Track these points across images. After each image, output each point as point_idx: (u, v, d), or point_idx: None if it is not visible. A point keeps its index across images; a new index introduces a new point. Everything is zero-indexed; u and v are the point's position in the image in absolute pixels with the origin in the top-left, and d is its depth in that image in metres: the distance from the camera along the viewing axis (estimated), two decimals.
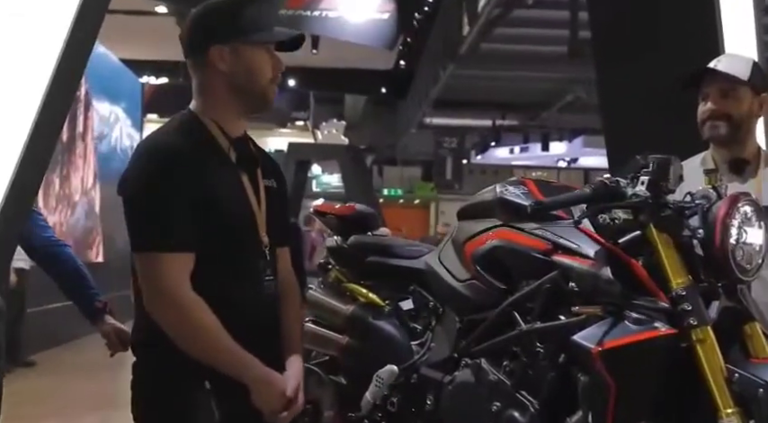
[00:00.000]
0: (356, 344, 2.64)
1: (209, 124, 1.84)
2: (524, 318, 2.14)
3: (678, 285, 1.94)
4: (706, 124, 2.51)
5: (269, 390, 1.75)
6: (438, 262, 2.52)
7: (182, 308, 1.71)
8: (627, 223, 2.05)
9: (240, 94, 1.84)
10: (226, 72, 1.82)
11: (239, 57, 1.81)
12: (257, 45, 1.83)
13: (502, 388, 2.14)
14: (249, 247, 1.83)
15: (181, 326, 1.72)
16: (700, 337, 1.89)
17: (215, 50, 1.80)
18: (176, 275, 1.72)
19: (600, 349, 1.89)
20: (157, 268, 1.72)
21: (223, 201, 1.78)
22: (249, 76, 1.83)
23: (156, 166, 1.74)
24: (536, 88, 17.39)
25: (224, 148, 1.84)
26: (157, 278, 1.72)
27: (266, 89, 1.85)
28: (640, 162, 2.06)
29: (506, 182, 2.39)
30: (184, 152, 1.76)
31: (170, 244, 1.72)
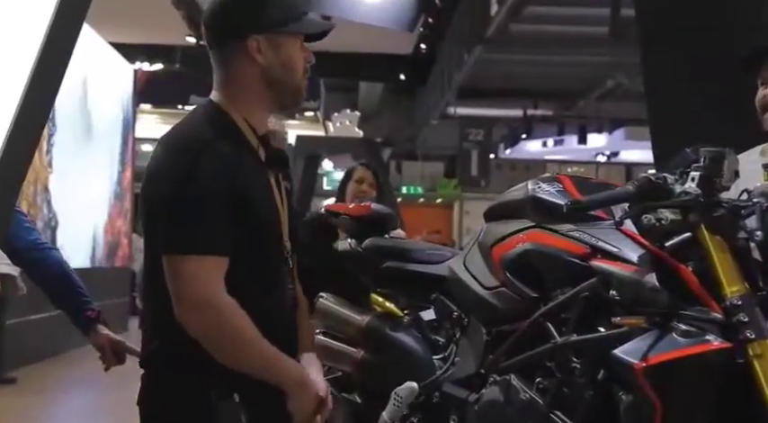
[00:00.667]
0: (372, 358, 2.65)
1: (238, 119, 1.86)
2: (559, 329, 2.15)
3: (733, 294, 1.93)
4: (766, 113, 2.50)
5: (305, 392, 1.81)
6: (463, 267, 2.52)
7: (220, 313, 1.74)
8: (675, 224, 2.04)
9: (274, 88, 1.88)
10: (262, 64, 1.85)
11: (277, 48, 1.85)
12: (293, 35, 1.87)
13: (534, 407, 2.14)
14: (275, 253, 1.88)
15: (220, 332, 1.75)
16: (758, 351, 1.88)
17: (252, 41, 1.83)
18: (215, 280, 1.75)
19: (644, 365, 1.89)
20: (195, 272, 1.74)
21: (255, 202, 1.81)
22: (285, 68, 1.87)
23: (188, 161, 1.76)
24: (572, 74, 17.35)
25: (253, 145, 1.87)
26: (195, 282, 1.74)
27: (300, 83, 1.91)
28: (690, 156, 2.07)
29: (539, 178, 2.40)
30: (216, 146, 1.78)
31: (209, 246, 1.75)
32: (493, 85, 18.28)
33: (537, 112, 20.75)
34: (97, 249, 11.83)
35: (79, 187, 10.85)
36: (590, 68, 16.41)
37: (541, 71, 17.00)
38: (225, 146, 1.79)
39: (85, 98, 11.13)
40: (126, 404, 1.97)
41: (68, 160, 10.34)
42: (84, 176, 11.03)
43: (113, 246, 12.70)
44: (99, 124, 11.72)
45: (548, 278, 2.23)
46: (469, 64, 14.50)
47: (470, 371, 2.39)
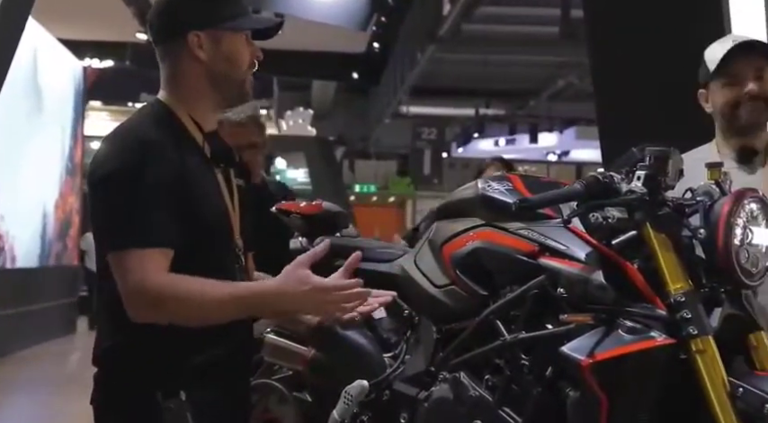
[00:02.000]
0: (323, 357, 2.64)
1: (183, 116, 1.87)
2: (508, 327, 2.15)
3: (677, 291, 1.95)
4: (742, 107, 2.51)
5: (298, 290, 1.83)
6: (414, 266, 2.52)
7: (167, 291, 1.73)
8: (621, 222, 2.06)
9: (219, 84, 1.88)
10: (204, 60, 1.85)
11: (219, 44, 1.86)
12: (236, 31, 1.87)
13: (483, 404, 2.14)
14: (225, 251, 1.87)
15: (175, 305, 1.74)
16: (700, 347, 1.91)
17: (193, 37, 1.84)
18: (159, 270, 1.74)
19: (590, 361, 1.91)
20: (137, 265, 1.73)
21: (199, 198, 1.81)
22: (228, 64, 1.87)
23: (131, 158, 1.76)
24: (524, 74, 17.49)
25: (198, 143, 1.87)
26: (138, 274, 1.73)
27: (245, 79, 1.90)
28: (636, 155, 2.08)
29: (489, 177, 2.42)
30: (160, 143, 1.78)
31: (150, 239, 1.74)
32: (445, 85, 18.37)
33: (489, 112, 20.88)
34: (48, 226, 11.65)
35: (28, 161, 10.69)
36: (541, 68, 16.57)
37: (493, 71, 17.10)
38: (168, 144, 1.79)
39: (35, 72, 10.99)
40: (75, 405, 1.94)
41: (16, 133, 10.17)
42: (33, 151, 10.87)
43: (65, 223, 12.53)
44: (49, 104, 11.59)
45: (497, 276, 2.24)
46: (422, 63, 14.53)
47: (420, 369, 2.39)
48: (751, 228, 2.01)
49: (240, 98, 1.94)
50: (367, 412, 2.48)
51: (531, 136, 21.30)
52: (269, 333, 2.68)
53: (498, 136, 22.72)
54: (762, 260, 2.02)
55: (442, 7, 13.03)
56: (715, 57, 2.52)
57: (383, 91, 19.34)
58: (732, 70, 2.50)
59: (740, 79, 2.50)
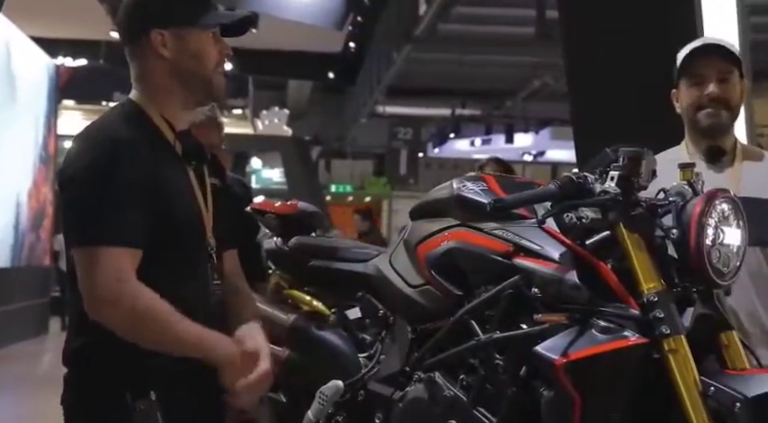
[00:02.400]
0: (297, 357, 2.64)
1: (154, 116, 1.87)
2: (483, 327, 2.16)
3: (650, 291, 1.97)
4: (702, 111, 2.53)
5: (233, 364, 1.79)
6: (389, 266, 2.52)
7: (131, 299, 1.73)
8: (595, 223, 2.08)
9: (185, 83, 1.87)
10: (169, 59, 1.85)
11: (183, 41, 1.85)
12: (202, 28, 1.86)
13: (458, 404, 2.15)
14: (197, 249, 1.86)
15: (135, 319, 1.73)
16: (672, 347, 1.92)
17: (156, 35, 1.84)
18: (125, 270, 1.73)
19: (564, 361, 1.92)
20: (104, 263, 1.72)
21: (171, 197, 1.81)
22: (194, 61, 1.86)
23: (102, 156, 1.76)
24: (500, 74, 17.54)
25: (170, 141, 1.87)
26: (104, 274, 1.72)
27: (212, 76, 1.89)
28: (610, 156, 2.09)
29: (464, 177, 2.41)
30: (131, 142, 1.78)
31: (119, 237, 1.74)
32: (421, 85, 18.40)
33: (465, 112, 20.93)
34: (21, 216, 11.54)
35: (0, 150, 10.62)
36: (517, 69, 16.63)
37: (469, 71, 17.13)
38: (138, 144, 1.79)
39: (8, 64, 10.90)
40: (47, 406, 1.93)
41: None
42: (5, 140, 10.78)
43: (39, 214, 12.43)
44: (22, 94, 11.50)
45: (472, 276, 2.25)
46: (398, 63, 14.54)
47: (395, 369, 2.39)
48: (722, 228, 2.02)
49: (210, 96, 1.93)
50: (342, 412, 2.48)
51: (506, 136, 21.37)
52: None
53: (474, 136, 22.77)
54: (733, 260, 2.04)
55: (418, 7, 13.05)
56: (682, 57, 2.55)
57: (359, 91, 19.34)
58: (697, 71, 2.53)
59: (704, 81, 2.52)
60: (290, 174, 21.02)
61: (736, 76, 2.54)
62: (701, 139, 2.59)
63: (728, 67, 2.53)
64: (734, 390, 1.87)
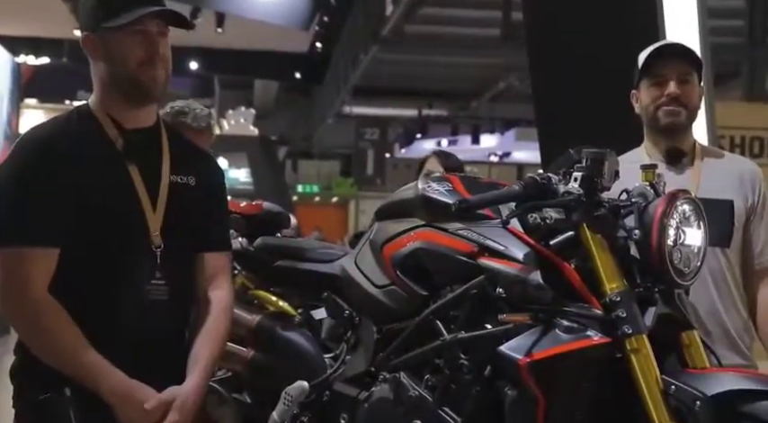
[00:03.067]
0: (262, 358, 2.63)
1: (101, 115, 1.87)
2: (448, 327, 2.16)
3: (612, 291, 1.98)
4: (662, 110, 2.56)
5: (126, 403, 1.75)
6: (354, 266, 2.52)
7: (32, 308, 1.73)
8: (558, 223, 2.09)
9: (116, 83, 1.87)
10: (99, 61, 1.87)
11: (106, 43, 1.86)
12: (122, 29, 1.84)
13: (423, 404, 2.15)
14: (130, 247, 1.83)
15: (31, 328, 1.75)
16: (635, 346, 1.94)
17: (86, 39, 1.87)
18: (26, 270, 1.73)
19: (528, 360, 1.93)
20: (9, 263, 1.74)
21: (98, 196, 1.79)
22: (116, 62, 1.86)
23: (23, 159, 1.79)
24: (466, 75, 17.59)
25: (111, 140, 1.86)
26: (8, 274, 1.73)
27: (136, 74, 1.86)
28: (573, 157, 2.11)
29: (430, 178, 2.42)
30: (56, 144, 1.80)
31: (25, 237, 1.74)
32: (388, 85, 18.40)
33: (432, 113, 20.97)
34: None
35: None
36: (483, 70, 16.67)
37: (436, 72, 17.18)
38: (65, 145, 1.80)
39: None
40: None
41: None
42: None
43: None
44: None
45: (437, 276, 2.25)
46: (365, 63, 14.52)
47: (361, 369, 2.39)
48: (683, 228, 2.04)
49: (142, 95, 1.89)
50: (307, 413, 2.47)
51: (473, 137, 21.44)
52: None
53: (441, 137, 22.80)
54: (693, 260, 2.06)
55: (384, 8, 13.03)
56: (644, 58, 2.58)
57: (326, 91, 19.30)
58: (658, 71, 2.56)
59: (664, 81, 2.56)
60: (256, 174, 20.92)
61: (695, 79, 2.58)
62: (660, 139, 2.62)
63: (689, 69, 2.56)
64: (694, 388, 1.89)
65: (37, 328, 1.74)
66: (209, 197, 1.97)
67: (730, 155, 2.91)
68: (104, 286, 1.79)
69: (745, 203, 2.58)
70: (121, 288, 1.81)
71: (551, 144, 4.30)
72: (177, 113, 3.14)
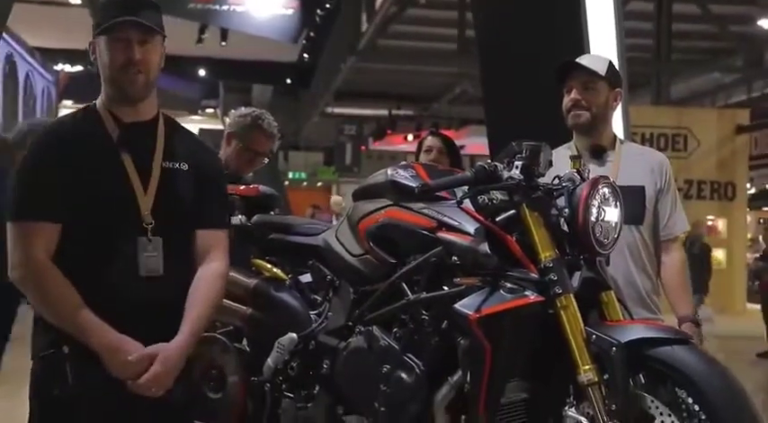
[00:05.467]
0: (259, 314, 2.62)
1: (103, 111, 1.84)
2: (411, 289, 2.17)
3: (546, 258, 1.99)
4: (570, 113, 2.58)
5: (114, 355, 1.69)
6: (335, 239, 2.51)
7: (35, 271, 1.70)
8: (503, 203, 2.09)
9: (106, 83, 1.85)
10: (98, 63, 1.84)
11: (98, 48, 1.83)
12: (108, 37, 1.80)
13: (391, 352, 2.16)
14: (123, 224, 1.77)
15: (34, 289, 1.72)
16: (564, 303, 1.95)
17: (90, 45, 1.85)
18: (29, 241, 1.71)
19: (477, 316, 1.94)
20: (17, 234, 1.72)
21: (93, 181, 1.76)
22: (103, 65, 1.83)
23: (33, 148, 1.78)
24: (428, 82, 17.56)
25: (109, 132, 1.82)
26: (16, 244, 1.72)
27: (116, 77, 1.81)
28: (515, 148, 2.11)
29: (397, 166, 2.40)
30: (61, 135, 1.78)
31: (29, 213, 1.72)
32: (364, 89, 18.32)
33: (400, 112, 20.93)
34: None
35: None
36: (442, 77, 16.65)
37: (403, 79, 17.13)
38: (67, 138, 1.78)
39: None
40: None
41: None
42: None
43: None
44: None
45: (403, 247, 2.25)
46: (344, 71, 14.43)
47: (340, 323, 2.39)
48: (604, 207, 2.06)
49: (121, 94, 1.83)
50: (296, 360, 2.47)
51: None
52: None
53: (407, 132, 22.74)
54: (611, 233, 2.07)
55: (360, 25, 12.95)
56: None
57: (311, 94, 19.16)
58: (567, 82, 2.58)
59: (571, 89, 2.58)
60: None
61: (601, 86, 2.57)
62: (579, 136, 2.63)
63: (592, 79, 2.56)
64: (611, 337, 1.90)
65: (39, 289, 1.70)
66: (203, 180, 1.89)
67: (643, 148, 2.93)
68: (102, 259, 1.74)
69: (654, 188, 2.60)
70: (116, 260, 1.75)
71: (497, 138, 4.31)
72: (256, 118, 3.20)
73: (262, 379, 2.51)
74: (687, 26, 13.18)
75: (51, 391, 1.71)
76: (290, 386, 2.48)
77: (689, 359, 1.85)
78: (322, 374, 2.39)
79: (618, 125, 3.03)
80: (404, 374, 2.11)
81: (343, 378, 2.31)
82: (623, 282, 2.51)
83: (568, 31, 4.00)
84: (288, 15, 13.49)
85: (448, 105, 19.05)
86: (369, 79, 16.88)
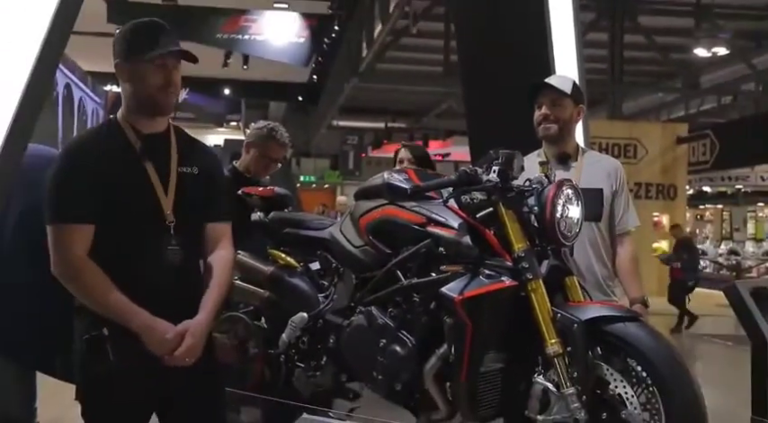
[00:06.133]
0: (275, 296, 2.61)
1: (124, 124, 1.81)
2: (405, 275, 2.16)
3: (519, 249, 1.99)
4: (541, 126, 2.57)
5: (152, 334, 1.68)
6: (339, 232, 2.50)
7: (74, 266, 1.68)
8: (482, 202, 2.09)
9: (137, 100, 1.80)
10: (125, 83, 1.80)
11: (133, 71, 1.79)
12: (143, 61, 1.78)
13: (387, 329, 2.15)
14: (149, 223, 1.75)
15: (75, 283, 1.69)
16: (534, 287, 1.95)
17: (117, 67, 1.81)
18: (68, 240, 1.68)
19: (461, 298, 1.93)
20: (56, 235, 1.69)
21: (120, 184, 1.74)
22: (140, 85, 1.79)
23: (64, 157, 1.76)
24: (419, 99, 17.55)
25: (132, 143, 1.79)
26: (56, 244, 1.69)
27: (154, 95, 1.79)
28: (492, 155, 2.10)
29: (392, 170, 2.40)
30: (88, 146, 1.77)
31: (66, 216, 1.70)
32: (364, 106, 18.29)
33: (395, 125, 20.90)
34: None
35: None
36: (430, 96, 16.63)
37: (398, 96, 17.10)
38: (92, 144, 1.77)
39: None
40: None
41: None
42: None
43: None
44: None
45: (397, 239, 2.24)
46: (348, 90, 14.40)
47: (344, 305, 2.38)
48: (567, 206, 2.05)
49: (157, 110, 1.81)
50: (306, 335, 2.46)
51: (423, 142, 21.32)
52: (236, 280, 2.64)
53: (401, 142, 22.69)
54: (574, 228, 2.07)
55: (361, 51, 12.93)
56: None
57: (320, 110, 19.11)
58: (537, 100, 2.57)
59: (541, 105, 2.57)
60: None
61: (567, 102, 2.56)
62: (548, 145, 2.62)
63: (559, 96, 2.55)
64: (573, 315, 1.90)
65: (79, 281, 1.68)
66: (210, 181, 1.88)
67: (602, 155, 2.92)
68: (132, 254, 1.73)
69: (611, 190, 2.59)
70: (145, 254, 1.74)
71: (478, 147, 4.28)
72: (271, 130, 3.20)
73: (278, 351, 2.50)
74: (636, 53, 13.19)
75: (95, 368, 1.69)
76: (302, 357, 2.47)
77: (639, 334, 1.85)
78: (329, 348, 2.38)
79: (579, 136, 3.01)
80: (398, 348, 2.10)
81: (346, 351, 2.31)
82: (584, 269, 2.50)
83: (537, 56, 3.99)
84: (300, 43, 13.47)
85: (436, 119, 19.04)
86: (368, 97, 16.85)
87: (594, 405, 1.86)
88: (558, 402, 1.87)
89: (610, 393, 1.86)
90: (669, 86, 15.25)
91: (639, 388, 1.83)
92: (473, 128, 4.67)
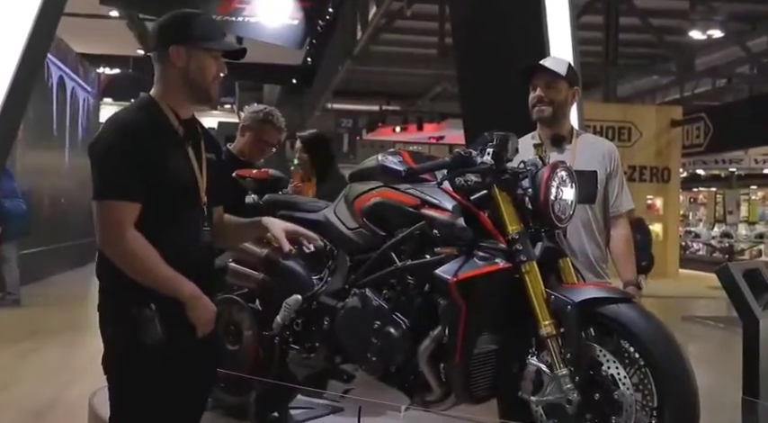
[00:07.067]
0: (269, 279, 2.60)
1: (164, 107, 1.81)
2: (399, 257, 2.16)
3: (513, 231, 1.99)
4: (535, 108, 2.55)
5: (198, 304, 1.75)
6: (333, 214, 2.49)
7: (126, 241, 1.69)
8: (476, 184, 2.08)
9: (189, 86, 1.81)
10: (181, 67, 1.79)
11: (192, 57, 1.79)
12: (206, 50, 1.80)
13: (381, 311, 2.15)
14: (190, 204, 1.81)
15: (125, 257, 1.70)
16: (527, 269, 1.95)
17: (173, 49, 1.79)
18: (121, 217, 1.69)
19: (455, 280, 1.93)
20: (107, 211, 1.70)
21: (169, 166, 1.76)
22: (198, 73, 1.80)
23: (117, 135, 1.74)
24: (413, 81, 17.47)
25: (174, 126, 1.81)
26: (106, 219, 1.70)
27: (210, 85, 1.82)
28: (487, 138, 2.10)
29: (386, 152, 2.38)
30: (141, 126, 1.75)
31: (119, 193, 1.71)
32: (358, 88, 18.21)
33: (389, 108, 20.82)
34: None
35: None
36: (425, 78, 16.56)
37: (392, 79, 17.01)
38: (144, 125, 1.75)
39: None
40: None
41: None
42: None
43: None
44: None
45: (392, 221, 2.23)
46: (342, 73, 14.33)
47: (338, 287, 2.38)
48: (561, 188, 2.05)
49: (205, 100, 1.85)
50: (301, 317, 2.46)
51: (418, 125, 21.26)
52: (231, 262, 2.63)
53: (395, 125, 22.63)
54: (567, 210, 2.07)
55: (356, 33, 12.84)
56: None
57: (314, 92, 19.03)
58: (533, 81, 2.56)
59: (534, 87, 2.55)
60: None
61: (562, 85, 2.54)
62: (542, 127, 2.61)
63: (553, 78, 2.53)
64: (567, 297, 1.91)
65: (131, 255, 1.70)
66: (221, 166, 1.96)
67: (596, 138, 2.91)
68: (175, 230, 1.77)
69: (605, 173, 2.59)
70: (187, 233, 1.80)
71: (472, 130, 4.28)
72: (267, 114, 3.20)
73: (272, 333, 2.49)
74: (631, 36, 13.14)
75: (144, 342, 1.72)
76: (296, 339, 2.47)
77: (631, 315, 1.86)
78: (323, 330, 2.38)
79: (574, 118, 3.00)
80: (392, 330, 2.10)
81: (340, 333, 2.31)
82: (578, 251, 2.51)
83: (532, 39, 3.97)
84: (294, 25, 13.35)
85: (430, 102, 18.98)
86: (362, 80, 16.76)
87: (587, 386, 1.87)
88: (551, 383, 1.88)
89: (603, 374, 1.87)
90: (664, 69, 15.21)
91: (632, 369, 1.85)
92: (467, 110, 4.66)
